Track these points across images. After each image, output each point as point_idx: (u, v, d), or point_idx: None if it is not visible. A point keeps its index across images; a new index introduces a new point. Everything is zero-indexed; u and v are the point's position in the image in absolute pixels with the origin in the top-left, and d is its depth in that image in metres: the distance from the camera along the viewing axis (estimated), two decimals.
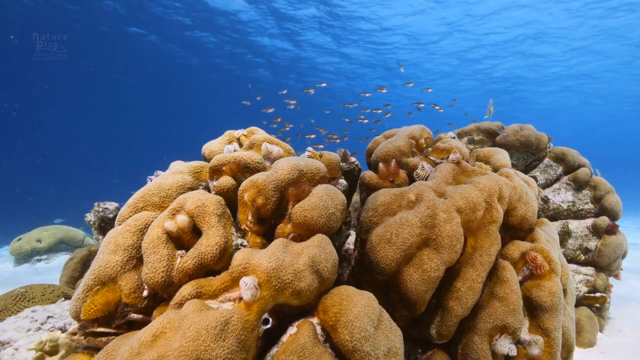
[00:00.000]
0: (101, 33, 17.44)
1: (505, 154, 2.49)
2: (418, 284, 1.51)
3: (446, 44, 18.29)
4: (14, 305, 2.62)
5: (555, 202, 3.77)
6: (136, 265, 1.46)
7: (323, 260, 1.33)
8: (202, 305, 1.16)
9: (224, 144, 2.16)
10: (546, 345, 1.65)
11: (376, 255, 1.55)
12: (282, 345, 1.18)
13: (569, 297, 2.05)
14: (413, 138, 2.26)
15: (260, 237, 1.59)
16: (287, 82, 25.02)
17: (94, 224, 2.40)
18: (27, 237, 7.40)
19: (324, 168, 1.77)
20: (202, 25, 16.71)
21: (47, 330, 2.08)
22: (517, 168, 3.88)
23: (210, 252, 1.37)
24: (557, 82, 22.96)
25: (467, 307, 1.59)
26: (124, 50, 19.83)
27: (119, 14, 15.57)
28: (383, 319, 1.30)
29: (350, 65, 21.37)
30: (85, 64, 21.99)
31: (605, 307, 3.64)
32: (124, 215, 1.66)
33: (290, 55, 20.04)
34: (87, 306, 1.33)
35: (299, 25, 16.48)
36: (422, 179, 1.99)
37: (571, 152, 3.82)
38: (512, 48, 18.34)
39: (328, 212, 1.51)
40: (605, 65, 19.75)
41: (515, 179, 2.11)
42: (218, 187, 1.68)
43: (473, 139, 3.99)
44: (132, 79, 25.62)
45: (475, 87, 24.81)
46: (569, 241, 3.64)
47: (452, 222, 1.64)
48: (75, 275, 3.35)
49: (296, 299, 1.25)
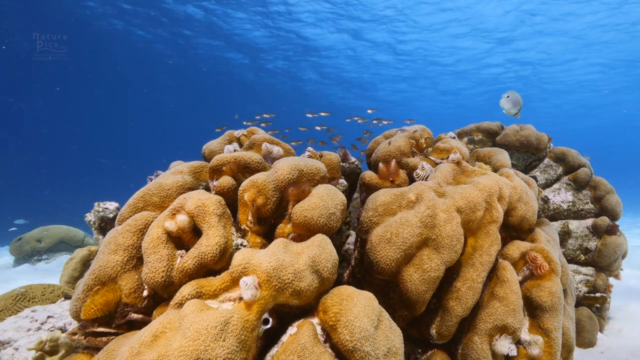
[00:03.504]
0: (101, 32, 17.44)
1: (506, 154, 2.49)
2: (418, 283, 1.51)
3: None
4: (14, 305, 2.62)
5: (556, 202, 3.77)
6: (136, 265, 1.46)
7: (323, 260, 1.33)
8: (202, 305, 1.16)
9: (224, 143, 2.16)
10: (546, 345, 1.65)
11: (376, 255, 1.55)
12: (282, 345, 1.18)
13: (569, 297, 2.05)
14: (413, 138, 2.26)
15: (260, 237, 1.59)
16: (283, 87, 25.19)
17: (94, 224, 2.40)
18: (27, 237, 7.40)
19: (324, 168, 1.77)
20: (203, 26, 16.73)
21: (47, 330, 2.08)
22: (517, 168, 3.88)
23: (210, 252, 1.37)
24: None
25: (467, 307, 1.59)
26: (124, 50, 19.84)
27: (119, 13, 15.57)
28: (383, 319, 1.30)
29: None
30: (85, 63, 22.00)
31: (605, 307, 3.64)
32: (124, 215, 1.66)
33: (288, 55, 20.11)
34: (87, 306, 1.33)
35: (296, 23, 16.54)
36: (422, 179, 1.99)
37: (571, 152, 3.81)
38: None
39: (328, 212, 1.51)
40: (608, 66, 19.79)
41: (515, 179, 2.11)
42: (218, 187, 1.69)
43: (473, 139, 3.99)
44: (131, 79, 25.64)
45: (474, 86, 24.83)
46: (569, 241, 3.64)
47: (452, 222, 1.64)
48: (75, 275, 3.35)
49: (296, 299, 1.25)
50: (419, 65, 21.14)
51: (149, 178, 2.13)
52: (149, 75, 24.49)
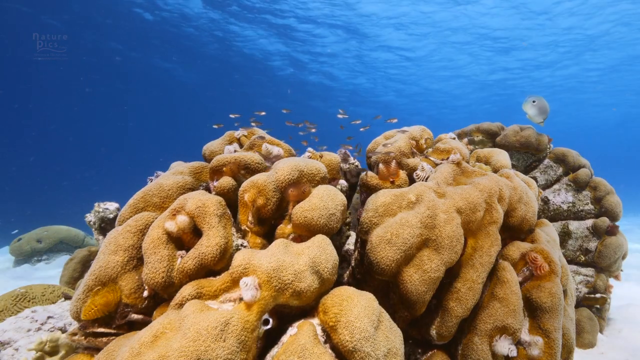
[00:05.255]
0: (100, 31, 17.45)
1: (506, 154, 2.49)
2: (418, 284, 1.51)
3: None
4: (14, 305, 2.62)
5: (556, 203, 3.77)
6: (137, 265, 1.46)
7: (323, 261, 1.33)
8: (202, 306, 1.16)
9: (225, 144, 2.17)
10: (546, 346, 1.65)
11: (376, 256, 1.55)
12: (283, 346, 1.18)
13: (569, 298, 2.05)
14: (413, 139, 2.26)
15: (260, 237, 1.59)
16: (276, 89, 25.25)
17: (94, 225, 2.40)
18: (27, 237, 7.40)
19: (324, 168, 1.77)
20: (202, 26, 16.74)
21: (47, 330, 2.08)
22: (517, 169, 3.88)
23: (210, 253, 1.37)
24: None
25: (467, 307, 1.59)
26: (124, 49, 19.85)
27: (118, 10, 15.58)
28: (383, 320, 1.30)
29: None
30: (84, 63, 22.01)
31: (605, 308, 3.64)
32: (124, 215, 1.66)
33: (285, 54, 20.13)
34: (87, 307, 1.33)
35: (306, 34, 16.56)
36: (422, 180, 1.99)
37: (571, 153, 3.82)
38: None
39: (328, 212, 1.51)
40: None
41: (515, 179, 2.11)
42: (218, 187, 1.69)
43: (473, 139, 3.99)
44: (131, 78, 25.64)
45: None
46: (569, 242, 3.64)
47: (452, 222, 1.64)
48: (75, 276, 3.35)
49: (296, 299, 1.25)
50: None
51: (149, 179, 2.13)
52: (149, 73, 24.49)
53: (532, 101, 3.12)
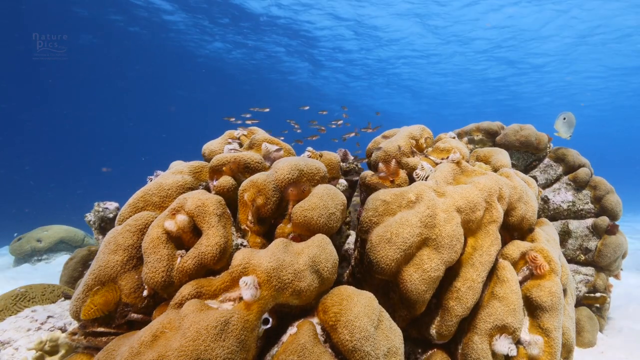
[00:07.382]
0: (99, 30, 17.44)
1: (505, 154, 2.49)
2: (418, 283, 1.51)
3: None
4: (14, 305, 2.62)
5: (555, 202, 3.77)
6: (136, 265, 1.46)
7: (323, 260, 1.33)
8: (202, 305, 1.16)
9: (224, 143, 2.16)
10: (546, 345, 1.65)
11: (376, 255, 1.55)
12: (282, 345, 1.18)
13: (569, 297, 2.05)
14: (413, 138, 2.26)
15: (260, 237, 1.59)
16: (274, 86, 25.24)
17: (94, 224, 2.40)
18: (27, 237, 7.39)
19: (324, 168, 1.77)
20: (203, 27, 16.73)
21: (47, 330, 2.08)
22: (517, 168, 3.88)
23: (210, 252, 1.37)
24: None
25: (467, 307, 1.59)
26: (123, 50, 19.84)
27: (118, 11, 15.56)
28: (383, 319, 1.30)
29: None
30: (83, 63, 21.99)
31: (605, 307, 3.64)
32: (124, 215, 1.66)
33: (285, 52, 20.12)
34: (87, 306, 1.33)
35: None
36: (422, 179, 1.99)
37: (571, 152, 3.81)
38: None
39: (328, 212, 1.51)
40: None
41: (515, 179, 2.11)
42: (218, 187, 1.68)
43: (473, 139, 3.99)
44: (130, 77, 25.63)
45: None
46: (569, 241, 3.64)
47: (452, 222, 1.64)
48: (75, 275, 3.35)
49: (296, 298, 1.25)
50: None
51: (149, 178, 2.13)
52: (148, 73, 24.49)
53: (563, 118, 3.13)
